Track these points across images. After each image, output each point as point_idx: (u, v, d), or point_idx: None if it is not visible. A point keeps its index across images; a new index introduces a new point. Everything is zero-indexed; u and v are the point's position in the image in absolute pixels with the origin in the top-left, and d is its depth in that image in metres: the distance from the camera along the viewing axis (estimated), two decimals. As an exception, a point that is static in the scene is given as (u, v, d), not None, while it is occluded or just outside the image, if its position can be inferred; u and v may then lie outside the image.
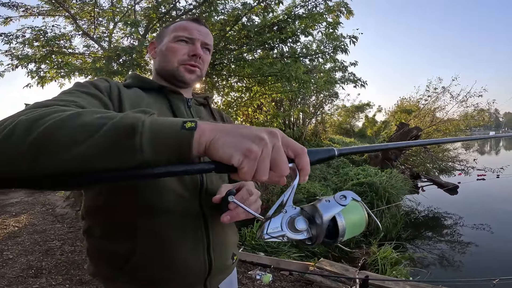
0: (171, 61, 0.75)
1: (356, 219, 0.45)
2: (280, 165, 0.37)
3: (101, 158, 0.35)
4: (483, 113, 9.09)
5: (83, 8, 5.44)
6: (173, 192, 0.63)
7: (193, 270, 0.67)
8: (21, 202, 5.13)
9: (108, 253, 0.65)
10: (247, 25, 4.04)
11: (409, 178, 7.44)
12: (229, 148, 0.36)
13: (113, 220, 0.64)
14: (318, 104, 10.35)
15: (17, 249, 3.07)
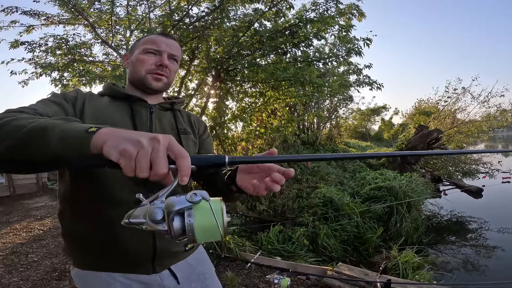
0: (139, 70, 0.86)
1: (205, 223, 0.45)
2: (157, 165, 0.43)
3: (28, 147, 0.50)
4: (506, 113, 8.65)
5: (101, 16, 5.71)
6: (123, 185, 0.74)
7: (142, 253, 0.79)
8: (45, 206, 5.38)
9: (74, 234, 0.79)
10: (260, 30, 4.10)
11: (430, 181, 7.17)
12: (111, 148, 0.44)
13: (77, 205, 0.77)
14: (332, 108, 10.25)
15: (41, 252, 3.21)
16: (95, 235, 0.76)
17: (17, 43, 5.37)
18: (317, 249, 3.60)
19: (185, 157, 0.45)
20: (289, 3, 3.81)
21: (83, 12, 5.42)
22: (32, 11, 5.23)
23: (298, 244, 3.45)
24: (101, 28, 5.83)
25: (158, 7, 5.91)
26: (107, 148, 0.45)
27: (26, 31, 5.52)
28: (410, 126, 13.06)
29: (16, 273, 2.66)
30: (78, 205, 0.77)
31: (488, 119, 8.51)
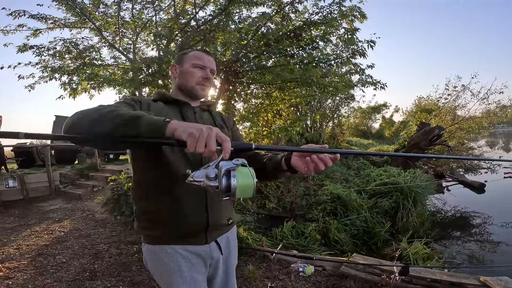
0: (190, 81, 1.09)
1: (245, 183, 0.64)
2: (209, 144, 0.65)
3: (123, 129, 0.72)
4: (506, 110, 8.78)
5: (107, 20, 5.59)
6: (182, 167, 0.94)
7: (197, 223, 0.99)
8: (60, 208, 5.51)
9: (147, 213, 0.99)
10: (267, 34, 4.24)
11: (433, 177, 7.32)
12: (182, 131, 0.67)
13: (149, 187, 0.98)
14: (334, 107, 10.41)
15: (68, 253, 3.29)
16: (164, 211, 0.96)
17: (25, 47, 5.40)
18: (329, 243, 3.74)
19: (228, 141, 0.67)
20: (295, 7, 3.95)
21: (90, 15, 5.50)
22: (40, 15, 5.18)
23: (310, 239, 3.60)
24: (107, 31, 5.89)
25: (162, 10, 6.02)
26: (179, 132, 0.68)
27: (33, 35, 5.50)
28: (411, 123, 13.22)
29: (48, 275, 2.72)
30: (150, 187, 0.98)
31: (488, 115, 8.65)
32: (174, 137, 0.69)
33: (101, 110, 0.77)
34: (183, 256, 1.00)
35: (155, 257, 1.01)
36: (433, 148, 7.93)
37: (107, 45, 5.91)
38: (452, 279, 2.13)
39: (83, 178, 7.38)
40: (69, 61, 5.77)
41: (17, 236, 3.91)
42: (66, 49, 5.50)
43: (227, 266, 1.16)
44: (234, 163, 0.67)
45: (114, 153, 10.96)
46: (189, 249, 1.01)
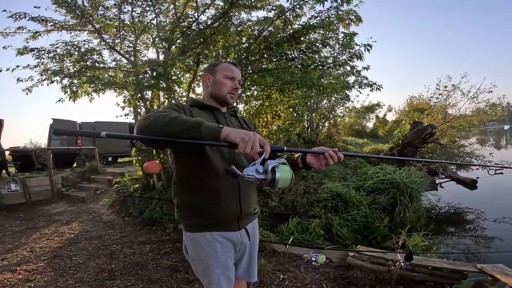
0: (222, 90, 1.28)
1: (285, 176, 0.87)
2: (255, 146, 0.86)
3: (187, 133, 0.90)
4: (495, 108, 9.16)
5: (107, 22, 5.62)
6: (220, 165, 1.12)
7: (233, 212, 1.17)
8: (65, 211, 5.57)
9: (190, 204, 1.16)
10: (268, 37, 4.41)
11: (427, 174, 7.59)
12: (235, 136, 0.88)
13: (191, 181, 1.15)
14: (330, 107, 10.64)
15: (83, 254, 3.36)
16: (205, 201, 1.13)
17: (26, 49, 5.37)
18: (332, 238, 3.92)
19: (268, 144, 0.90)
20: (296, 13, 4.13)
21: (91, 18, 5.49)
22: (40, 17, 5.15)
23: (314, 234, 3.78)
24: (107, 34, 5.81)
25: (162, 13, 6.08)
26: (233, 136, 0.89)
27: (33, 38, 5.40)
28: (404, 122, 13.58)
29: (68, 276, 2.77)
30: (193, 181, 1.15)
31: (478, 114, 9.01)
32: (226, 140, 0.89)
33: (168, 116, 0.95)
34: (220, 242, 1.17)
35: (196, 243, 1.16)
36: (426, 146, 8.22)
37: (107, 48, 5.93)
38: (452, 267, 2.32)
39: (85, 181, 7.43)
40: (70, 63, 5.77)
41: (27, 239, 3.98)
42: (67, 51, 5.47)
43: (251, 252, 1.33)
44: (277, 161, 0.89)
45: (112, 155, 10.99)
46: (225, 235, 1.18)
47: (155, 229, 4.04)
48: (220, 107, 1.30)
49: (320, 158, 1.08)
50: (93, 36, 5.87)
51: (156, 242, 3.58)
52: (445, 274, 2.32)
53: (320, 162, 1.09)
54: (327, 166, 1.07)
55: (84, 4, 5.35)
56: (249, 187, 1.25)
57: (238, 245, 1.23)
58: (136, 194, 4.75)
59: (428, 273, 2.35)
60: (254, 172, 0.88)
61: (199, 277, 1.22)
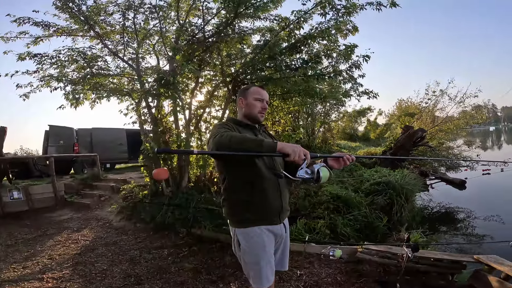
0: (254, 111, 1.54)
1: (326, 175, 1.23)
2: (301, 155, 1.16)
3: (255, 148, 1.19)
4: (481, 110, 9.71)
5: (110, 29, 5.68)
6: (265, 170, 1.40)
7: (276, 207, 1.43)
8: (72, 218, 5.59)
9: (241, 202, 1.40)
10: (272, 48, 4.66)
11: (419, 176, 7.99)
12: (288, 149, 1.17)
13: (243, 185, 1.39)
14: (324, 112, 11.02)
15: (104, 260, 3.41)
16: (255, 199, 1.39)
17: (29, 55, 5.34)
18: (336, 237, 4.17)
19: (308, 153, 1.19)
20: (300, 25, 4.42)
21: (94, 24, 5.51)
22: (43, 22, 5.21)
23: (321, 234, 4.02)
24: (109, 39, 5.84)
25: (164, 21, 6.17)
26: (286, 149, 1.16)
27: (34, 43, 5.44)
28: (394, 125, 14.11)
29: (97, 283, 2.83)
30: (245, 183, 1.40)
31: (465, 117, 9.55)
32: (280, 151, 1.17)
33: (238, 135, 1.26)
34: (266, 234, 1.42)
35: (248, 236, 1.40)
36: (417, 149, 8.65)
37: (110, 54, 5.94)
38: (452, 258, 2.60)
39: (87, 188, 7.45)
40: (71, 70, 5.72)
41: (42, 246, 4.04)
42: (70, 58, 5.44)
43: (285, 244, 1.60)
44: (319, 165, 1.25)
45: (110, 162, 10.98)
46: (270, 228, 1.43)
47: (168, 233, 4.17)
48: (254, 126, 1.58)
49: (339, 161, 1.42)
50: (96, 42, 5.83)
51: (172, 247, 3.73)
52: (446, 265, 2.60)
53: (339, 164, 1.43)
54: (344, 166, 1.45)
55: (88, 9, 5.39)
56: (285, 188, 1.51)
57: (279, 237, 1.51)
58: (145, 200, 4.88)
59: (430, 264, 2.62)
60: (304, 173, 1.20)
61: (248, 267, 1.43)
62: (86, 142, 10.33)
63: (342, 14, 4.16)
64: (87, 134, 10.49)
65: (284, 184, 1.49)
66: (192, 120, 5.55)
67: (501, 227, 5.74)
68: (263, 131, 1.65)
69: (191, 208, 4.23)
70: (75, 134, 10.36)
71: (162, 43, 5.81)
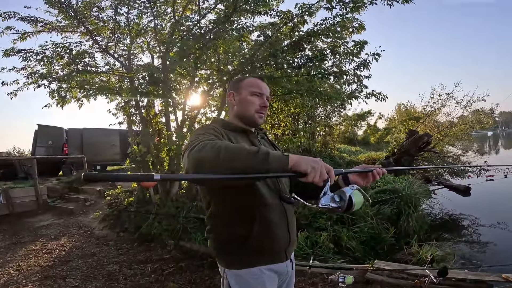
0: (250, 110, 1.12)
1: (359, 200, 0.87)
2: (323, 174, 0.78)
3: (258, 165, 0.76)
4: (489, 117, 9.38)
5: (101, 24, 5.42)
6: (268, 194, 1.01)
7: (283, 241, 1.06)
8: (52, 224, 5.19)
9: (237, 236, 1.00)
10: (274, 44, 4.30)
11: (424, 182, 7.65)
12: (306, 165, 0.77)
13: (237, 214, 1.00)
14: (325, 115, 10.67)
15: (77, 274, 3.05)
16: (255, 234, 0.99)
17: (13, 51, 5.06)
18: (341, 251, 3.78)
19: (332, 170, 0.81)
20: (304, 19, 4.07)
21: (84, 19, 5.21)
22: (30, 17, 4.95)
23: (324, 248, 3.63)
24: (100, 36, 5.56)
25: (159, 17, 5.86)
26: (303, 166, 0.77)
27: (21, 39, 5.18)
28: (394, 129, 13.81)
29: None
30: (239, 214, 1.01)
31: (472, 122, 9.21)
32: (294, 169, 0.78)
33: (230, 146, 0.80)
34: (268, 275, 1.04)
35: (243, 280, 1.03)
36: (422, 155, 8.31)
37: (100, 51, 5.63)
38: (476, 277, 2.25)
39: (73, 191, 7.01)
40: (58, 67, 5.43)
41: (13, 255, 3.64)
42: (56, 54, 5.16)
43: (289, 283, 1.21)
44: (351, 188, 0.87)
45: (101, 164, 10.53)
46: (272, 267, 1.06)
47: (154, 246, 3.77)
48: (251, 130, 1.16)
49: (368, 176, 1.07)
50: (85, 38, 5.61)
51: (157, 261, 3.32)
52: (470, 285, 2.24)
53: (367, 179, 1.07)
54: (373, 182, 1.09)
55: (78, 4, 5.10)
56: (292, 215, 1.15)
57: (283, 276, 1.13)
58: (131, 208, 4.46)
59: (452, 285, 2.26)
60: (330, 201, 0.84)
61: None
62: (77, 143, 9.91)
63: (350, 8, 3.79)
64: (78, 135, 10.07)
65: (291, 209, 1.13)
66: (185, 122, 5.19)
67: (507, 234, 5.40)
68: (263, 137, 1.23)
69: (181, 217, 3.83)
70: (65, 134, 9.94)
71: (156, 39, 5.48)
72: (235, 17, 4.74)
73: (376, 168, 1.06)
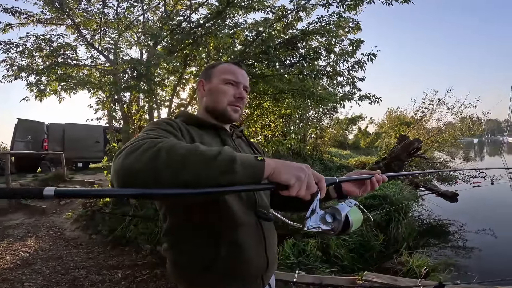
0: (221, 101, 0.90)
1: (358, 218, 0.70)
2: (311, 186, 0.60)
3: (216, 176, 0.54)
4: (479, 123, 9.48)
5: (88, 17, 5.33)
6: (240, 209, 0.80)
7: (258, 266, 0.84)
8: (22, 224, 4.83)
9: (197, 259, 0.78)
10: (266, 41, 4.12)
11: (413, 188, 7.60)
12: (288, 174, 0.58)
13: (200, 232, 0.78)
14: (317, 118, 10.56)
15: (37, 279, 2.80)
16: (222, 257, 0.77)
17: None
18: (329, 259, 3.60)
19: (323, 179, 0.64)
20: (298, 16, 3.89)
21: (70, 12, 5.05)
22: (14, 9, 4.86)
23: (312, 256, 3.43)
24: (86, 29, 5.43)
25: (151, 10, 5.71)
26: (284, 174, 0.58)
27: (3, 30, 5.05)
28: (384, 134, 13.87)
29: None
30: (203, 232, 0.79)
31: (462, 129, 9.26)
32: (272, 179, 0.59)
33: (172, 148, 0.56)
34: None
35: None
36: (412, 161, 8.27)
37: (85, 44, 5.48)
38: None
39: (49, 189, 6.60)
40: (39, 59, 5.28)
41: (-29, 259, 3.28)
42: (37, 46, 5.01)
43: None
44: (348, 205, 0.69)
45: (83, 161, 10.09)
46: None
47: (128, 250, 3.50)
48: (224, 127, 0.95)
49: (365, 184, 0.88)
50: (71, 31, 5.46)
51: (130, 267, 3.05)
52: None
53: (364, 187, 0.88)
54: (371, 191, 0.90)
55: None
56: (272, 232, 0.93)
57: None
58: (106, 209, 4.16)
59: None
60: (320, 222, 0.65)
61: None
62: (58, 139, 9.48)
63: (347, 6, 3.63)
64: (59, 130, 9.62)
65: (270, 227, 0.91)
66: (171, 119, 4.94)
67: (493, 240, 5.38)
68: (239, 136, 1.02)
69: (159, 221, 3.55)
70: (45, 130, 9.49)
71: (144, 33, 5.28)
72: (228, 13, 4.55)
73: (375, 175, 0.87)
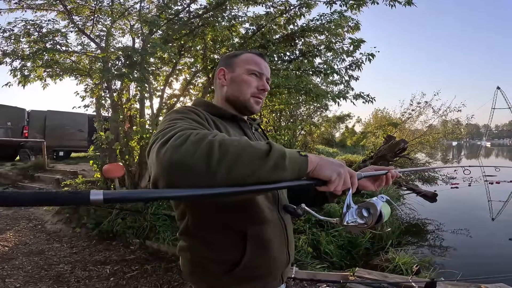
0: (245, 93, 0.87)
1: (388, 211, 0.71)
2: (347, 181, 0.62)
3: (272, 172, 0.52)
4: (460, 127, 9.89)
5: (82, 3, 5.10)
6: (265, 206, 0.78)
7: (281, 263, 0.83)
8: (0, 216, 4.57)
9: (222, 259, 0.75)
10: (266, 34, 4.05)
11: (397, 187, 7.85)
12: (330, 170, 0.59)
13: (225, 231, 0.76)
14: (307, 115, 10.63)
15: (19, 274, 2.64)
16: (247, 257, 0.74)
17: None
18: (319, 255, 3.66)
19: (355, 176, 0.65)
20: (300, 11, 3.84)
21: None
22: None
23: (303, 252, 3.47)
24: (78, 16, 5.20)
25: None
26: (327, 172, 0.59)
27: None
28: (369, 134, 14.21)
29: None
30: (229, 231, 0.76)
31: (445, 131, 9.63)
32: (315, 175, 0.59)
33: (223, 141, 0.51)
34: None
35: None
36: (397, 160, 8.51)
37: (76, 31, 5.24)
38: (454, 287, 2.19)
39: (27, 179, 6.28)
40: (25, 44, 5.04)
41: None
42: (25, 31, 4.80)
43: None
44: (381, 200, 0.70)
45: (65, 149, 9.69)
46: None
47: (115, 244, 3.38)
48: (245, 119, 0.92)
49: (381, 179, 0.91)
50: (61, 17, 5.21)
51: (118, 262, 2.96)
52: None
53: (379, 182, 0.92)
54: (386, 186, 0.94)
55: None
56: (291, 228, 0.93)
57: None
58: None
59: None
60: (356, 215, 0.65)
61: None
62: (39, 126, 9.03)
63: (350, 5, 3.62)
64: (41, 117, 9.15)
65: (290, 223, 0.90)
66: (162, 110, 4.81)
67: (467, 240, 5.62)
68: (256, 129, 0.98)
69: (148, 214, 3.47)
70: (26, 116, 9.00)
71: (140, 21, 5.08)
72: (228, 4, 4.43)
73: (390, 170, 0.91)
